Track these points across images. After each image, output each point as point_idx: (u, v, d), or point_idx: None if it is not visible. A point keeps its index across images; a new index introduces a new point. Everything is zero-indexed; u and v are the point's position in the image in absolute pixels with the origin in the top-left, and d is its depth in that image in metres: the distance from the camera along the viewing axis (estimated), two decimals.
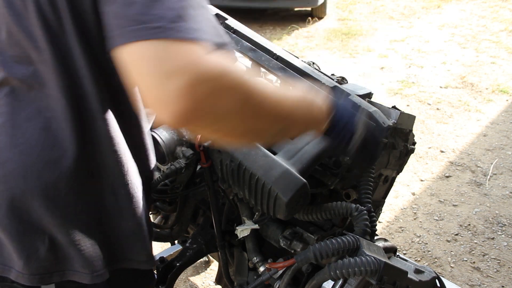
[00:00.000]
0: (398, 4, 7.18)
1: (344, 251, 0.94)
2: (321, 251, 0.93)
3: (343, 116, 0.93)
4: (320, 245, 0.93)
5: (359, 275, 0.89)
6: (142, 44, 0.64)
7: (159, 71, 0.63)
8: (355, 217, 1.06)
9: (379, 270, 0.89)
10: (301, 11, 6.82)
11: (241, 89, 0.69)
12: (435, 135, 3.88)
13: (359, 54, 5.49)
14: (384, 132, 1.09)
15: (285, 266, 1.04)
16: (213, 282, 2.43)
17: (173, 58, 0.64)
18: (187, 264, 1.51)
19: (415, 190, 3.25)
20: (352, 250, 0.95)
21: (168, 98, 0.63)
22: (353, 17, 6.72)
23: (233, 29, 1.39)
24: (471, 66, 5.07)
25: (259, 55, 1.31)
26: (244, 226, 1.24)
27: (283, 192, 0.99)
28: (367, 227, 1.05)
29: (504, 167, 3.44)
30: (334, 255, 0.93)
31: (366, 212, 1.07)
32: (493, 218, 2.96)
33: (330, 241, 0.94)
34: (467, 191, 3.21)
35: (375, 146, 1.04)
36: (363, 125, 0.96)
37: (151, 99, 0.66)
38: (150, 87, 0.65)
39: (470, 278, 2.54)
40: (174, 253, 2.18)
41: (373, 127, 1.04)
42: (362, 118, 0.97)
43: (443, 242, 2.79)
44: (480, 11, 6.66)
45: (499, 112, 4.21)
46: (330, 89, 1.19)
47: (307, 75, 1.24)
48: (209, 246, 1.52)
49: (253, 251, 1.29)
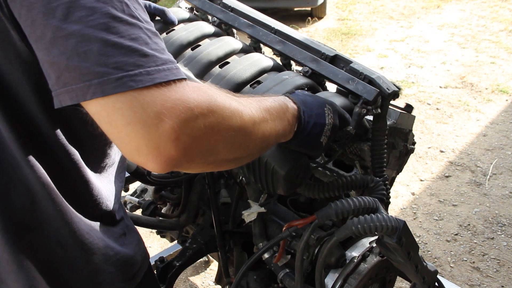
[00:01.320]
0: (398, 4, 7.19)
1: (364, 210, 0.93)
2: (342, 208, 0.92)
3: (311, 114, 0.90)
4: (341, 202, 0.93)
5: (380, 231, 0.88)
6: (116, 97, 0.59)
7: (141, 119, 0.59)
8: (372, 187, 1.06)
9: (399, 228, 0.88)
10: (301, 11, 6.82)
11: (231, 116, 0.67)
12: (434, 135, 3.88)
13: (358, 54, 5.49)
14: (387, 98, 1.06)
15: (306, 222, 1.02)
16: (213, 282, 2.43)
17: (153, 104, 0.59)
18: (187, 264, 1.50)
19: (414, 190, 3.26)
20: (371, 210, 0.94)
21: (157, 145, 0.60)
22: (353, 17, 6.72)
23: (230, 7, 1.37)
24: (470, 66, 5.07)
25: (257, 31, 1.29)
26: (250, 210, 1.21)
27: (280, 165, 0.95)
28: (383, 196, 1.05)
29: (503, 167, 3.45)
30: (354, 212, 0.92)
31: (382, 182, 1.07)
32: (493, 218, 2.96)
33: (350, 199, 0.93)
34: (467, 191, 3.21)
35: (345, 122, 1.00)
36: (333, 113, 0.93)
37: (135, 149, 0.61)
38: (133, 137, 0.60)
39: (469, 278, 2.54)
40: (174, 253, 2.19)
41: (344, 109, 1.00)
42: (329, 105, 0.94)
43: (442, 242, 2.79)
44: (480, 11, 6.66)
45: (499, 112, 4.21)
46: (331, 58, 1.17)
47: (306, 46, 1.22)
48: (209, 246, 1.52)
49: (259, 236, 1.27)
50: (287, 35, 1.26)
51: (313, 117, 0.90)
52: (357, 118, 1.03)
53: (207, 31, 1.33)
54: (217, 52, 1.23)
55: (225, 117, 0.66)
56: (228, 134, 0.67)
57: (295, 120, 0.87)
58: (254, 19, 1.33)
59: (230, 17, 1.35)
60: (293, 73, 1.17)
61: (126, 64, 0.60)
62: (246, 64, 1.20)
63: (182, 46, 1.26)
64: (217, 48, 1.25)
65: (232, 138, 0.69)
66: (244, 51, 1.30)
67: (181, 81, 0.64)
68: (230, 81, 1.14)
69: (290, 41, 1.25)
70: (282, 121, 0.82)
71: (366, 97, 1.05)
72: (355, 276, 1.12)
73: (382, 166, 1.13)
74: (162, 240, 2.77)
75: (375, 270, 1.14)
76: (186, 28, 1.33)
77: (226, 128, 0.67)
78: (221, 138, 0.67)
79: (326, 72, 1.14)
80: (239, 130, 0.69)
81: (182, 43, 1.27)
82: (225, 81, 1.15)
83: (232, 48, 1.27)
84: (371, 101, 1.05)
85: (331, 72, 1.13)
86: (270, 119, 0.78)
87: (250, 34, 1.30)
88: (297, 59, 1.20)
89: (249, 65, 1.19)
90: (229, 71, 1.17)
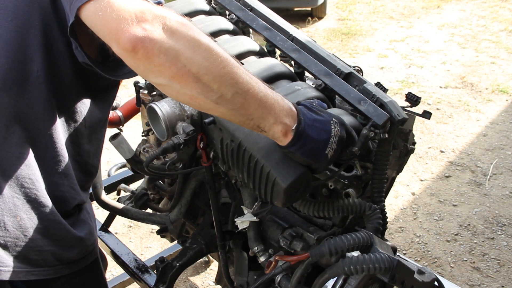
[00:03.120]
0: (398, 4, 7.19)
1: (358, 247, 0.93)
2: (336, 246, 0.92)
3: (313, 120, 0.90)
4: (335, 240, 0.92)
5: (373, 272, 0.88)
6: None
7: (113, 16, 0.72)
8: (369, 215, 1.05)
9: (392, 268, 0.88)
10: (301, 11, 6.82)
11: (196, 36, 0.75)
12: (435, 135, 3.88)
13: (359, 54, 5.49)
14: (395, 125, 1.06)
15: (299, 259, 1.01)
16: (213, 282, 2.43)
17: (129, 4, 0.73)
18: (187, 264, 1.50)
19: (415, 190, 3.25)
20: (365, 247, 0.94)
21: (120, 29, 0.71)
22: (353, 17, 6.72)
23: (250, 6, 1.36)
24: (471, 66, 5.07)
25: (274, 35, 1.28)
26: (243, 218, 1.22)
27: (282, 178, 0.93)
28: (379, 225, 1.04)
29: (504, 167, 3.45)
30: (349, 250, 0.92)
31: (379, 210, 1.06)
32: (493, 218, 2.96)
33: (345, 237, 0.93)
34: (467, 191, 3.21)
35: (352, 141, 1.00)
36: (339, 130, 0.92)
37: (112, 33, 0.73)
38: (109, 22, 0.73)
39: (470, 278, 2.54)
40: (174, 253, 2.18)
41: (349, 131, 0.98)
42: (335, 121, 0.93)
43: (443, 242, 2.79)
44: (480, 11, 6.66)
45: (499, 112, 4.21)
46: (345, 75, 1.15)
47: (322, 59, 1.20)
48: (209, 246, 1.52)
49: (254, 240, 1.27)
50: (303, 44, 1.24)
51: (317, 123, 0.89)
52: (364, 140, 1.02)
53: (224, 27, 1.31)
54: (231, 51, 1.22)
55: (188, 31, 0.75)
56: (193, 42, 0.74)
57: (292, 119, 0.87)
58: (273, 23, 1.31)
59: (249, 17, 1.33)
60: (305, 85, 1.17)
61: None
62: (260, 68, 1.19)
63: None
64: (232, 47, 1.24)
65: (195, 50, 0.74)
66: (259, 54, 1.29)
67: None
68: None
69: (306, 50, 1.23)
70: (272, 99, 0.84)
71: (376, 120, 1.04)
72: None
73: (381, 192, 1.12)
74: (162, 240, 2.77)
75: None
76: (203, 21, 1.31)
77: (187, 37, 0.74)
78: (182, 43, 0.74)
79: (339, 89, 1.12)
80: (200, 45, 0.75)
81: None
82: None
83: (247, 49, 1.26)
84: (381, 125, 1.04)
85: (344, 90, 1.12)
86: (250, 78, 0.81)
87: (267, 37, 1.29)
88: (311, 71, 1.19)
89: (263, 70, 1.18)
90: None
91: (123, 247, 1.78)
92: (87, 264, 1.12)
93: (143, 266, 1.69)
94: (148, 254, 2.71)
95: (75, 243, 1.07)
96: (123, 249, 1.78)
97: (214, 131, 1.10)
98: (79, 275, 1.10)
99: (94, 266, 1.16)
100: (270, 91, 0.86)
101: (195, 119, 1.15)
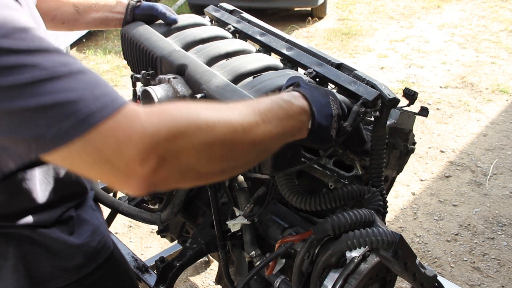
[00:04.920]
0: (398, 4, 7.19)
1: (360, 224, 0.93)
2: (338, 222, 0.92)
3: (320, 106, 0.87)
4: (337, 217, 0.92)
5: (376, 246, 0.88)
6: (66, 148, 0.62)
7: (102, 158, 0.63)
8: (368, 198, 1.06)
9: (395, 242, 0.88)
10: (301, 11, 6.82)
11: (203, 132, 0.67)
12: (435, 135, 3.88)
13: (359, 54, 5.49)
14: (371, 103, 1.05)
15: (302, 238, 1.01)
16: (213, 282, 2.43)
17: (106, 142, 0.62)
18: (187, 264, 1.50)
19: (415, 190, 3.25)
20: (367, 224, 0.94)
21: (125, 175, 0.63)
22: (353, 17, 6.72)
23: (247, 20, 1.44)
24: (471, 66, 5.07)
25: (269, 39, 1.33)
26: (234, 221, 1.22)
27: None
28: (380, 207, 1.04)
29: (504, 167, 3.45)
30: (351, 227, 0.92)
31: (379, 193, 1.06)
32: (493, 218, 2.96)
33: (347, 213, 0.93)
34: (467, 191, 3.21)
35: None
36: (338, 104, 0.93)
37: (110, 181, 0.66)
38: (103, 173, 0.65)
39: (470, 278, 2.54)
40: (174, 253, 2.19)
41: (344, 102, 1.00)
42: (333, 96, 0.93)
43: (443, 242, 2.79)
44: (480, 11, 6.66)
45: (499, 112, 4.21)
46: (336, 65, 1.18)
47: (314, 54, 1.23)
48: (209, 246, 1.51)
49: (251, 244, 1.27)
50: (297, 44, 1.28)
51: (322, 111, 0.88)
52: (355, 116, 1.02)
53: (221, 33, 1.35)
54: (227, 48, 1.24)
55: (194, 135, 0.66)
56: (201, 150, 0.68)
57: (307, 117, 0.85)
58: (268, 30, 1.37)
59: (245, 26, 1.40)
60: (297, 72, 1.18)
61: (56, 119, 0.61)
62: (252, 58, 1.21)
63: (193, 42, 1.28)
64: (227, 45, 1.27)
65: (207, 153, 0.69)
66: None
67: (124, 108, 0.64)
68: (232, 70, 1.14)
69: (299, 48, 1.26)
70: (285, 121, 0.80)
71: (366, 97, 1.05)
72: (355, 276, 1.12)
73: (380, 176, 1.13)
74: (162, 240, 2.77)
75: (375, 270, 1.14)
76: (201, 28, 1.36)
77: (196, 145, 0.67)
78: (193, 154, 0.67)
79: (329, 74, 1.14)
80: (214, 143, 0.69)
81: (195, 38, 1.29)
82: (228, 70, 1.14)
83: (243, 48, 1.28)
84: (371, 101, 1.04)
85: (334, 75, 1.14)
86: (263, 123, 0.76)
87: (262, 41, 1.33)
88: (303, 63, 1.21)
89: (255, 60, 1.19)
90: (233, 61, 1.18)
91: (123, 247, 1.78)
92: (100, 263, 1.09)
93: (143, 266, 1.68)
94: (148, 254, 2.71)
95: (75, 251, 1.04)
96: (123, 249, 1.78)
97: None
98: (92, 274, 1.08)
99: (110, 261, 1.13)
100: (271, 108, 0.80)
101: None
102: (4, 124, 0.63)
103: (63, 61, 0.65)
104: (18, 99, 0.61)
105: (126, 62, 1.42)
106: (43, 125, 0.62)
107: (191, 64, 1.15)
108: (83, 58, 5.60)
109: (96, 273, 1.09)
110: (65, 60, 0.66)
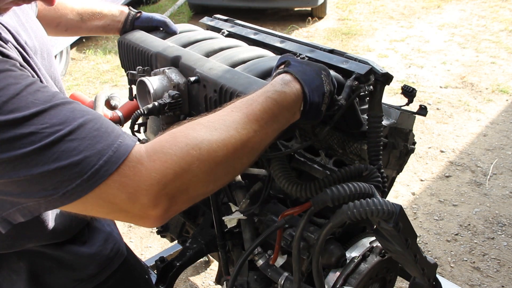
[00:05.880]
0: (398, 4, 7.19)
1: (359, 196, 0.92)
2: (338, 194, 0.91)
3: (312, 85, 0.88)
4: (336, 188, 0.92)
5: (376, 216, 0.87)
6: (83, 200, 0.66)
7: (116, 208, 0.67)
8: (366, 176, 1.06)
9: (395, 213, 0.87)
10: (301, 11, 6.82)
11: (207, 159, 0.70)
12: (435, 135, 3.88)
13: (359, 54, 5.49)
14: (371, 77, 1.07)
15: (302, 210, 1.00)
16: (213, 282, 2.43)
17: (118, 193, 0.65)
18: (187, 264, 1.50)
19: (415, 190, 3.25)
20: (366, 196, 0.93)
21: (141, 217, 0.68)
22: (353, 17, 6.72)
23: (242, 24, 1.49)
24: (471, 66, 5.07)
25: (263, 37, 1.37)
26: (231, 216, 1.22)
27: None
28: (379, 183, 1.04)
29: (504, 167, 3.45)
30: (350, 198, 0.91)
31: (376, 170, 1.06)
32: (493, 218, 2.96)
33: (346, 185, 0.92)
34: (467, 191, 3.21)
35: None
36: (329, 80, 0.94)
37: (130, 222, 0.71)
38: (120, 218, 0.70)
39: (470, 278, 2.54)
40: (174, 253, 2.19)
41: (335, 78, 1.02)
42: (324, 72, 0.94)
43: (443, 242, 2.79)
44: (480, 11, 6.66)
45: (499, 112, 4.21)
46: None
47: (304, 44, 1.26)
48: (209, 246, 1.52)
49: (251, 241, 1.27)
50: (289, 38, 1.32)
51: (314, 89, 0.88)
52: (348, 90, 1.02)
53: (215, 36, 1.41)
54: (220, 44, 1.30)
55: (198, 167, 0.69)
56: (206, 179, 0.72)
57: (299, 101, 0.86)
58: (262, 30, 1.41)
59: (239, 29, 1.46)
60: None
61: (62, 182, 0.64)
62: (246, 49, 1.26)
63: (188, 42, 1.34)
64: (221, 42, 1.32)
65: (212, 177, 0.72)
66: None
67: (128, 158, 0.67)
68: (225, 58, 1.20)
69: (291, 41, 1.30)
70: (280, 116, 0.82)
71: (359, 71, 1.06)
72: (355, 276, 1.12)
73: (378, 153, 1.13)
74: (162, 240, 2.77)
75: (375, 270, 1.14)
76: (196, 31, 1.43)
77: (201, 176, 0.71)
78: (201, 182, 0.71)
79: (321, 58, 1.16)
80: (217, 167, 0.72)
81: (190, 39, 1.35)
82: (221, 59, 1.20)
83: (236, 44, 1.33)
84: (363, 74, 1.05)
85: (326, 57, 1.16)
86: (260, 128, 0.78)
87: (255, 39, 1.37)
88: (295, 52, 1.24)
89: (248, 50, 1.25)
90: (227, 52, 1.25)
91: None
92: (113, 270, 1.09)
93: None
94: (148, 254, 2.71)
95: (88, 261, 1.04)
96: None
97: (198, 91, 1.15)
98: (107, 282, 1.08)
99: (124, 267, 1.13)
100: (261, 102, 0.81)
101: (181, 89, 1.18)
102: (13, 189, 0.66)
103: (61, 118, 0.66)
104: (23, 170, 0.64)
105: (124, 70, 1.45)
106: (50, 188, 0.65)
107: (184, 54, 1.22)
108: (83, 58, 5.60)
109: (110, 280, 1.09)
110: (62, 116, 0.67)
